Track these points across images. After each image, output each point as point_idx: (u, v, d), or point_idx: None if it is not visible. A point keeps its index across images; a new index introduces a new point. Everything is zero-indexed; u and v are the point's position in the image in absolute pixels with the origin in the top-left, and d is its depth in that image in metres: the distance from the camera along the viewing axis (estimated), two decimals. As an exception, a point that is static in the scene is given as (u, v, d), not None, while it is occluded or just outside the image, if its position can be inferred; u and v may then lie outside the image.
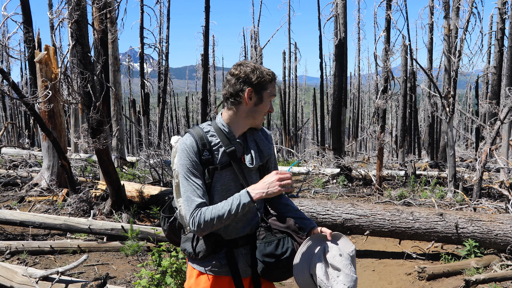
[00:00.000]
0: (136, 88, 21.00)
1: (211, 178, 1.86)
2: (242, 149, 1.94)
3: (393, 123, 25.44)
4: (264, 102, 1.88)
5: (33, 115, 6.46)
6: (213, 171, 1.86)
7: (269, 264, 1.87)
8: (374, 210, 5.13)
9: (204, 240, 1.89)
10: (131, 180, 8.53)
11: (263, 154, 1.97)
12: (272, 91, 1.90)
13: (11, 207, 6.56)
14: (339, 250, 1.87)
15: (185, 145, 1.85)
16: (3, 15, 7.10)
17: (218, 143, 1.89)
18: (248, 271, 1.95)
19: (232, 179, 1.90)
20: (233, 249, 1.92)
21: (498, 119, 7.60)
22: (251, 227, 1.96)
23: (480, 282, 4.01)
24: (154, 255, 3.70)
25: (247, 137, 1.96)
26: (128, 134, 28.47)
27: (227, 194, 1.88)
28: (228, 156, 1.88)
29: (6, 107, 27.26)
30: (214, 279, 1.92)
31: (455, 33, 9.86)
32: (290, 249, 1.89)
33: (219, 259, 1.91)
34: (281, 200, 2.12)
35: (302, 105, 38.25)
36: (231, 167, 1.89)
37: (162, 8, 19.82)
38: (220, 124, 1.91)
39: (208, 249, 1.89)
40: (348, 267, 1.81)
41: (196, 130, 1.89)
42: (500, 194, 7.48)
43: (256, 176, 1.99)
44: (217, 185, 1.88)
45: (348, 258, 1.85)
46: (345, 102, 15.23)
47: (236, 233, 1.93)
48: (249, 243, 1.95)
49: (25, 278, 3.43)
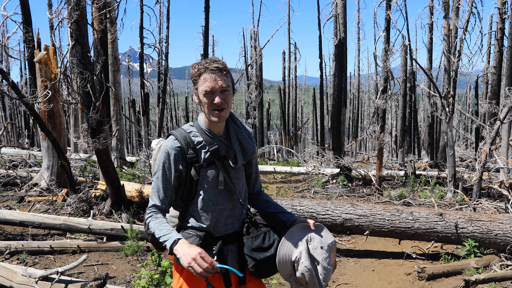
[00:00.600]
0: (136, 88, 21.00)
1: (198, 175, 1.90)
2: (226, 147, 1.98)
3: (393, 123, 25.44)
4: (200, 97, 1.86)
5: (33, 115, 6.45)
6: (199, 168, 1.90)
7: (258, 259, 1.93)
8: (373, 210, 5.13)
9: (193, 239, 1.91)
10: (130, 180, 8.52)
11: (247, 153, 2.01)
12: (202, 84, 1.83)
13: (10, 207, 6.56)
14: (320, 242, 1.95)
15: (166, 147, 1.90)
16: (3, 15, 7.09)
17: (201, 141, 1.93)
18: (235, 268, 1.97)
19: (216, 176, 1.93)
20: (222, 247, 1.95)
21: (497, 119, 7.60)
22: (239, 223, 2.01)
23: (479, 282, 4.01)
24: (154, 255, 3.70)
25: (231, 136, 1.99)
26: (128, 134, 28.46)
27: (214, 191, 1.93)
28: (211, 154, 1.91)
29: (6, 107, 27.24)
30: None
31: (455, 33, 9.87)
32: (276, 240, 1.97)
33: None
34: (260, 197, 2.19)
35: (302, 105, 38.27)
36: (215, 164, 1.93)
37: (161, 8, 19.81)
38: (201, 124, 1.96)
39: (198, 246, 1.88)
40: (326, 261, 1.91)
41: (179, 131, 1.93)
42: (500, 194, 7.49)
43: (242, 173, 2.04)
44: (203, 183, 1.92)
45: (327, 251, 1.95)
46: (344, 102, 15.23)
47: (225, 230, 1.97)
48: (237, 240, 2.00)
49: (25, 278, 3.43)
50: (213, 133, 1.94)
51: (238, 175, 2.00)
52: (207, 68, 1.81)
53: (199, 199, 1.93)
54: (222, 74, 1.83)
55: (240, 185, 2.02)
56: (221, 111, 1.85)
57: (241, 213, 2.02)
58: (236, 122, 2.03)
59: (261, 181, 2.25)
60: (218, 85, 1.82)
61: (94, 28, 6.30)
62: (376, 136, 8.80)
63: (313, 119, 30.95)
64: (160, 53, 19.44)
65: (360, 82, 33.40)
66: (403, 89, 15.03)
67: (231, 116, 2.02)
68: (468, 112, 32.93)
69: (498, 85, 12.42)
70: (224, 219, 1.96)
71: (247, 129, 2.06)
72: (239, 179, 2.01)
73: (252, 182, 2.17)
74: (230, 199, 1.97)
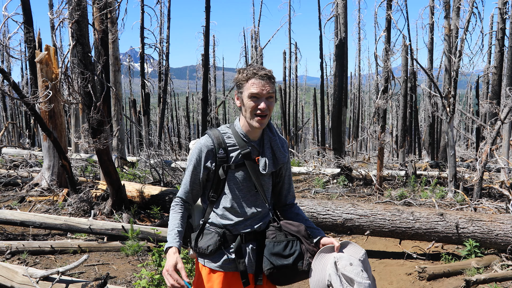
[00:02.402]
0: (137, 88, 21.00)
1: (225, 175, 1.95)
2: (258, 153, 2.00)
3: (394, 123, 25.43)
4: (244, 100, 1.90)
5: (34, 115, 6.46)
6: (227, 168, 1.95)
7: (275, 264, 1.92)
8: (374, 210, 5.12)
9: (212, 236, 1.96)
10: (131, 180, 8.53)
11: (278, 162, 2.03)
12: (248, 88, 1.88)
13: (11, 207, 6.56)
14: (349, 259, 1.89)
15: (199, 144, 1.98)
16: (4, 15, 7.10)
17: (234, 144, 1.97)
18: (252, 267, 1.99)
19: (245, 179, 1.97)
20: (241, 244, 1.98)
21: (498, 119, 7.60)
22: (260, 224, 2.01)
23: (480, 282, 4.01)
24: (155, 255, 3.70)
25: (264, 143, 2.01)
26: (129, 134, 28.48)
27: (240, 193, 1.97)
28: (243, 157, 1.95)
29: (7, 107, 27.26)
30: (224, 275, 1.97)
31: (456, 33, 9.85)
32: (297, 252, 1.94)
33: (228, 254, 1.97)
34: (292, 209, 2.18)
35: (302, 105, 38.24)
36: (245, 167, 1.96)
37: (162, 8, 19.82)
38: (238, 127, 2.00)
39: (216, 243, 1.95)
40: (360, 275, 1.83)
41: (214, 131, 2.00)
42: (501, 194, 7.48)
43: (269, 180, 2.06)
44: (230, 183, 1.96)
45: (359, 265, 1.87)
46: (345, 102, 15.22)
47: (243, 228, 1.99)
48: (256, 239, 2.00)
49: (26, 278, 3.44)
50: (249, 138, 1.98)
51: (265, 182, 2.02)
52: (256, 74, 1.87)
53: (225, 199, 1.98)
54: (270, 81, 1.89)
55: (266, 191, 2.04)
56: (263, 118, 1.89)
57: (264, 216, 2.04)
58: (272, 130, 2.06)
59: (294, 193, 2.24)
60: (265, 91, 1.87)
61: (95, 28, 6.30)
62: (376, 136, 8.79)
63: (314, 119, 30.94)
64: (160, 53, 19.45)
65: (360, 82, 33.36)
66: (403, 89, 15.01)
67: (268, 124, 2.04)
68: (469, 112, 32.89)
69: (499, 85, 12.39)
70: (246, 220, 1.99)
71: (281, 138, 2.07)
72: (265, 186, 2.03)
73: (284, 193, 2.17)
74: (254, 202, 2.00)
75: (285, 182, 2.14)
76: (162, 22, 19.78)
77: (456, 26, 9.94)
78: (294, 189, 2.18)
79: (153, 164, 8.77)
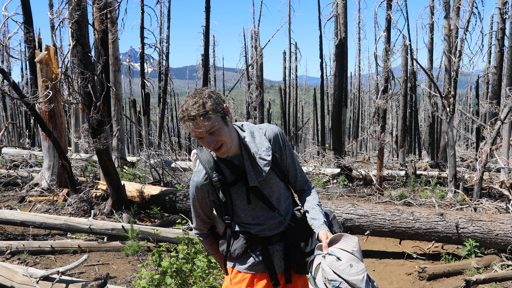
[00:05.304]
0: (137, 88, 21.00)
1: (229, 196, 1.91)
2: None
3: (394, 123, 25.41)
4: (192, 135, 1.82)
5: (34, 115, 6.46)
6: (228, 188, 1.90)
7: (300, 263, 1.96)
8: (374, 210, 5.13)
9: (237, 240, 1.97)
10: (131, 180, 8.53)
11: (262, 166, 1.86)
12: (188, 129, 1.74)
13: (11, 207, 6.56)
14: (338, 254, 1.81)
15: (193, 182, 1.94)
16: (4, 15, 7.10)
17: (225, 159, 1.91)
18: (282, 267, 2.00)
19: (246, 193, 1.93)
20: (267, 246, 1.98)
21: (498, 119, 7.59)
22: (283, 225, 2.00)
23: (480, 282, 4.01)
24: (154, 255, 3.70)
25: (243, 154, 1.89)
26: (129, 134, 28.47)
27: (248, 206, 1.94)
28: (232, 174, 1.89)
29: (7, 107, 27.26)
30: (251, 277, 1.98)
31: (456, 33, 9.85)
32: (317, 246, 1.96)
33: (255, 256, 1.97)
34: (303, 195, 2.10)
35: (302, 105, 38.26)
36: (240, 182, 1.90)
37: (162, 8, 19.84)
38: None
39: (242, 246, 1.96)
40: (347, 271, 1.77)
41: (203, 155, 1.92)
42: (501, 194, 7.48)
43: (273, 179, 1.96)
44: (237, 202, 1.93)
45: (350, 258, 1.81)
46: (345, 102, 15.23)
47: (270, 232, 1.98)
48: (283, 239, 2.00)
49: (26, 278, 3.43)
50: (229, 156, 1.89)
51: (270, 184, 1.94)
52: (185, 117, 1.70)
53: (238, 216, 1.97)
54: (204, 118, 1.68)
55: (276, 192, 1.98)
56: (219, 150, 1.78)
57: (286, 216, 2.02)
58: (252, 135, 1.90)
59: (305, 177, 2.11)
60: (203, 130, 1.71)
61: (95, 28, 6.30)
62: (376, 136, 8.79)
63: (314, 119, 30.93)
64: (160, 53, 19.46)
65: (360, 82, 33.36)
66: (403, 89, 15.01)
67: (249, 127, 1.92)
68: (468, 112, 32.89)
69: (498, 85, 12.40)
70: (267, 225, 1.97)
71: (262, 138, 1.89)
72: (272, 187, 1.95)
73: (292, 180, 2.07)
74: (267, 209, 1.96)
75: (289, 169, 2.04)
76: (162, 22, 19.80)
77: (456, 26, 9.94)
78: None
79: (153, 164, 8.77)
